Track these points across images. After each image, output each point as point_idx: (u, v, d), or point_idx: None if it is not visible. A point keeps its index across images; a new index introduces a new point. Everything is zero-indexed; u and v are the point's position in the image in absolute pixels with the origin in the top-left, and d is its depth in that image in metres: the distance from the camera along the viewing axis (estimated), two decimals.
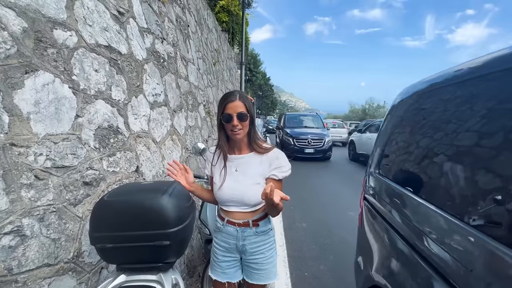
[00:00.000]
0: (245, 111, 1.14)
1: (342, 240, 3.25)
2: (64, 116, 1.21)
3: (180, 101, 2.91)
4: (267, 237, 1.24)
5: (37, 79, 1.09)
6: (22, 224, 0.96)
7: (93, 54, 1.48)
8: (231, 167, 1.23)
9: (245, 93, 1.23)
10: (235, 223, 1.22)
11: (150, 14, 2.42)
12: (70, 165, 1.21)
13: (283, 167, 1.20)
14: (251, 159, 1.22)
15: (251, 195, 1.17)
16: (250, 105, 1.17)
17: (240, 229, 1.21)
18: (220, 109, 1.17)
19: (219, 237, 1.28)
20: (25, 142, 1.01)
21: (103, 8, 1.65)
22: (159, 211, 1.00)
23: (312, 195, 5.12)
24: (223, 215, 1.26)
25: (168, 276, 1.08)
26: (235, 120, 1.13)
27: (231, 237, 1.23)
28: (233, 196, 1.20)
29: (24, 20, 1.07)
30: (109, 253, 1.03)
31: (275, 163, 1.19)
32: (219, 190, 1.22)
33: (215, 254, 1.30)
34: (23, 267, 0.95)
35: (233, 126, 1.14)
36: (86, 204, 1.27)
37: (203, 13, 5.94)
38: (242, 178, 1.20)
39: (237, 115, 1.13)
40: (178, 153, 2.56)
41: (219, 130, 1.23)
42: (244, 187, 1.18)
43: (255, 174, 1.19)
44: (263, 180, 1.20)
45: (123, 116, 1.69)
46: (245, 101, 1.16)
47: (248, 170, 1.21)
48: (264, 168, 1.20)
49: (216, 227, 1.31)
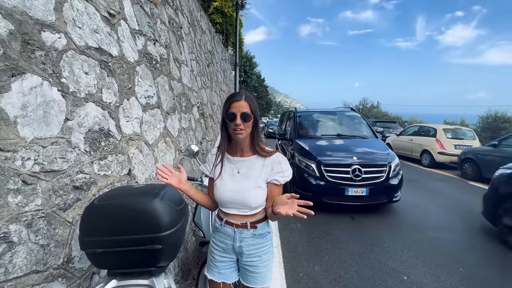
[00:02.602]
0: (249, 112, 1.14)
1: (337, 240, 3.27)
2: (53, 120, 1.19)
3: (173, 103, 2.89)
4: (265, 240, 1.24)
5: (24, 82, 1.07)
6: (9, 230, 0.94)
7: (83, 57, 1.46)
8: (233, 169, 1.23)
9: (253, 95, 1.23)
10: (233, 223, 1.22)
11: (142, 15, 2.41)
12: (60, 169, 1.18)
13: (284, 171, 1.20)
14: (253, 162, 1.22)
15: (252, 198, 1.18)
16: (256, 107, 1.17)
17: (238, 230, 1.21)
18: (225, 108, 1.17)
19: (216, 237, 1.29)
20: (12, 147, 0.99)
21: (93, 10, 1.63)
22: (150, 215, 0.99)
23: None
24: (222, 215, 1.27)
25: (160, 281, 1.07)
26: (238, 119, 1.12)
27: (228, 237, 1.24)
28: (234, 199, 1.20)
29: (11, 22, 1.05)
30: (100, 258, 1.01)
31: (277, 167, 1.19)
32: (220, 192, 1.22)
33: (212, 254, 1.30)
34: (10, 274, 0.93)
35: (235, 125, 1.13)
36: (77, 208, 1.25)
37: (196, 15, 5.93)
38: (244, 180, 1.20)
39: (241, 115, 1.12)
40: (172, 155, 2.54)
41: (221, 130, 1.23)
42: (246, 190, 1.18)
43: (257, 177, 1.19)
44: (265, 183, 1.20)
45: (114, 119, 1.67)
46: (250, 103, 1.16)
47: (250, 173, 1.20)
48: (266, 171, 1.20)
49: (214, 227, 1.32)
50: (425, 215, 4.14)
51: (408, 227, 3.66)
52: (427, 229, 3.58)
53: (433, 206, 4.55)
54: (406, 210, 4.35)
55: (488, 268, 2.65)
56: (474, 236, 3.43)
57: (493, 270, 2.63)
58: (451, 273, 2.57)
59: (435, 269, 2.64)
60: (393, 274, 2.55)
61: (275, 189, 1.22)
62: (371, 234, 3.43)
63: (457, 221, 3.89)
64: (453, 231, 3.54)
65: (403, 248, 3.06)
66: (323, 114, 5.95)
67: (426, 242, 3.21)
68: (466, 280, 2.46)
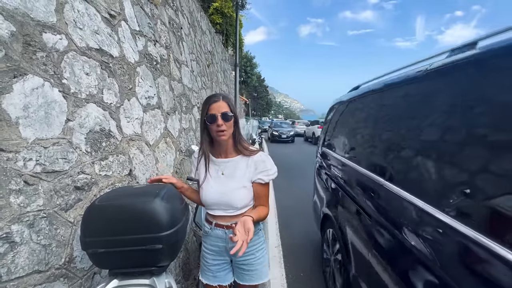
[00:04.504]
0: (229, 111, 1.14)
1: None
2: (54, 120, 1.20)
3: (173, 104, 2.90)
4: (257, 237, 1.25)
5: (26, 83, 1.08)
6: (11, 230, 0.95)
7: (84, 58, 1.46)
8: (218, 171, 1.22)
9: (229, 95, 1.24)
10: (223, 225, 1.22)
11: (142, 16, 2.42)
12: (61, 170, 1.19)
13: (269, 170, 1.19)
14: (238, 163, 1.21)
15: (238, 199, 1.18)
16: (234, 106, 1.17)
17: (228, 231, 1.21)
18: (204, 111, 1.16)
19: (208, 241, 1.28)
20: (13, 147, 1.00)
21: (94, 11, 1.64)
22: (151, 215, 0.99)
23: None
24: (210, 219, 1.26)
25: (161, 280, 1.07)
26: (220, 120, 1.12)
27: (220, 240, 1.23)
28: (219, 200, 1.19)
29: (12, 23, 1.06)
30: (101, 258, 1.02)
31: (261, 166, 1.19)
32: (206, 194, 1.21)
33: (205, 259, 1.29)
34: (12, 274, 0.94)
35: (217, 126, 1.12)
36: (78, 209, 1.25)
37: (196, 15, 5.94)
38: (229, 181, 1.19)
39: (221, 115, 1.12)
40: (172, 155, 2.55)
41: (202, 133, 1.21)
42: (231, 191, 1.18)
43: (242, 178, 1.19)
44: (250, 183, 1.20)
45: (115, 119, 1.68)
46: (228, 102, 1.15)
47: (235, 173, 1.20)
48: (250, 171, 1.19)
49: (204, 231, 1.30)
50: None
51: None
52: None
53: None
54: None
55: None
56: None
57: None
58: None
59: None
60: None
61: (260, 188, 1.21)
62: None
63: None
64: None
65: None
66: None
67: None
68: None
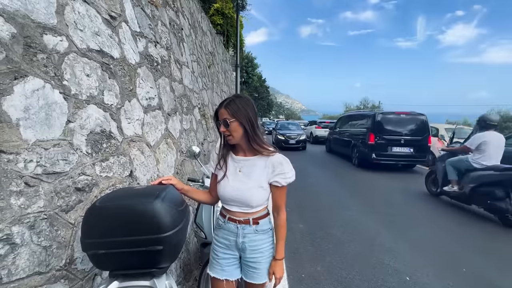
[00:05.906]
0: (229, 117, 1.17)
1: (338, 241, 3.26)
2: (55, 122, 1.20)
3: (174, 105, 2.90)
4: (267, 236, 1.27)
5: (26, 85, 1.08)
6: (12, 232, 0.95)
7: (85, 59, 1.47)
8: (236, 168, 1.25)
9: (240, 97, 1.22)
10: (236, 220, 1.24)
11: (143, 18, 2.42)
12: (62, 171, 1.19)
13: (286, 173, 1.20)
14: (256, 162, 1.23)
15: (253, 198, 1.20)
16: (236, 111, 1.16)
17: (240, 226, 1.23)
18: (215, 117, 1.26)
19: (219, 234, 1.31)
20: (14, 149, 1.00)
21: (94, 12, 1.64)
22: (151, 216, 0.99)
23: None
24: (224, 212, 1.30)
25: (161, 282, 1.07)
26: (222, 127, 1.20)
27: (231, 234, 1.26)
28: (235, 197, 1.22)
29: (13, 25, 1.06)
30: (102, 260, 1.01)
31: (279, 169, 1.19)
32: (223, 190, 1.25)
33: (215, 251, 1.31)
34: (13, 276, 0.94)
35: (222, 131, 1.21)
36: (79, 210, 1.25)
37: (197, 16, 5.95)
38: (246, 180, 1.22)
39: (222, 122, 1.19)
40: (173, 156, 2.55)
41: (220, 135, 1.27)
42: (248, 190, 1.20)
43: (259, 178, 1.21)
44: (267, 184, 1.22)
45: (116, 121, 1.68)
46: (229, 108, 1.17)
47: (252, 172, 1.22)
48: (268, 172, 1.21)
49: (217, 224, 1.34)
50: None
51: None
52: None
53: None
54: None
55: None
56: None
57: None
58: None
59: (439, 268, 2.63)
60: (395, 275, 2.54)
61: (277, 192, 1.23)
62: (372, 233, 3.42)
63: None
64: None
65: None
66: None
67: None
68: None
